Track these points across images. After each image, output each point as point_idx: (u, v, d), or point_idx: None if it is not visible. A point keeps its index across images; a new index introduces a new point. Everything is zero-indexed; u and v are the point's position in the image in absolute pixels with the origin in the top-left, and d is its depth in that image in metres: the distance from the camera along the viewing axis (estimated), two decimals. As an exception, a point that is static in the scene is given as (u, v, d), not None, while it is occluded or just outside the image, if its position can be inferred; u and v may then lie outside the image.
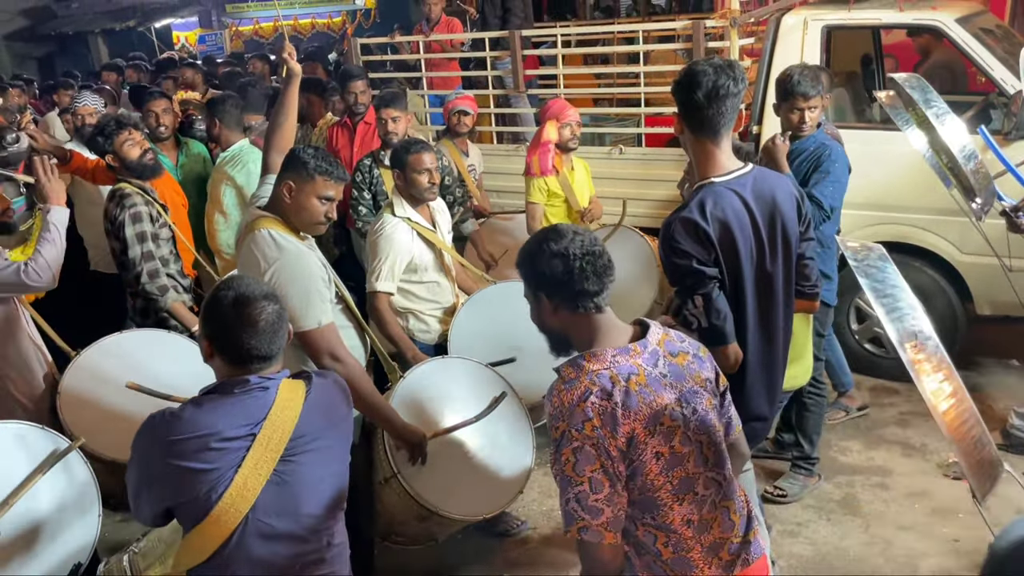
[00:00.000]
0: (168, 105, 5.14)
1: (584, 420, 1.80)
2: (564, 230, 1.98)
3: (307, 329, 2.77)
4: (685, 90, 2.44)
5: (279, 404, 2.00)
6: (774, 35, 4.90)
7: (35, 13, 19.73)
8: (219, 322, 2.01)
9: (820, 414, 3.99)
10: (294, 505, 2.02)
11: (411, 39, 6.99)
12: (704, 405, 1.95)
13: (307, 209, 2.81)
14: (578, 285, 1.91)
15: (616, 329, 1.98)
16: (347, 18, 19.73)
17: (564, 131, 4.49)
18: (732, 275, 2.52)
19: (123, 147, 3.80)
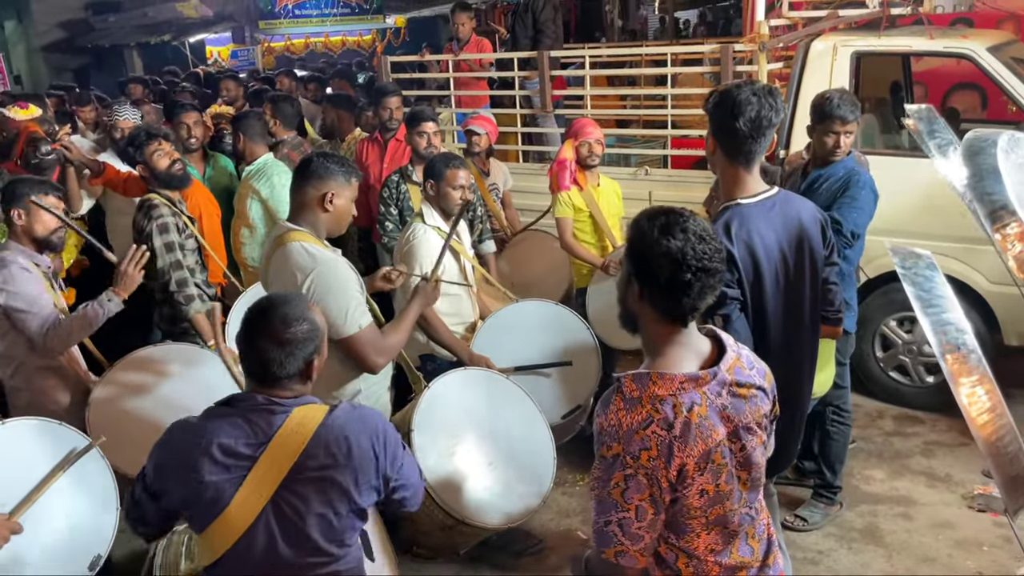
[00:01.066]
0: (199, 118, 5.23)
1: (642, 449, 1.73)
2: (686, 221, 1.80)
3: (350, 335, 2.78)
4: (726, 115, 2.41)
5: (288, 427, 1.98)
6: (803, 60, 4.90)
7: (73, 26, 20.16)
8: (245, 330, 2.02)
9: (844, 442, 3.94)
10: (294, 531, 1.99)
11: (440, 58, 7.06)
12: (755, 443, 1.89)
13: (346, 212, 2.89)
14: (679, 297, 1.79)
15: (690, 344, 1.87)
16: (377, 36, 19.98)
17: (581, 149, 4.52)
18: (756, 298, 2.51)
19: (152, 157, 3.87)
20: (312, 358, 2.03)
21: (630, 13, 19.07)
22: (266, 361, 1.98)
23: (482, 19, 18.72)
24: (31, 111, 5.93)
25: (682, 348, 1.86)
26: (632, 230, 1.86)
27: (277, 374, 1.99)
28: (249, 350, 2.00)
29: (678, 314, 1.83)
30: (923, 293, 1.91)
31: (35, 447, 2.77)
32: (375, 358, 2.85)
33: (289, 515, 1.98)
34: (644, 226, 1.83)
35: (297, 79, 8.89)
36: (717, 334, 1.94)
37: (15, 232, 3.28)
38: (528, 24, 6.76)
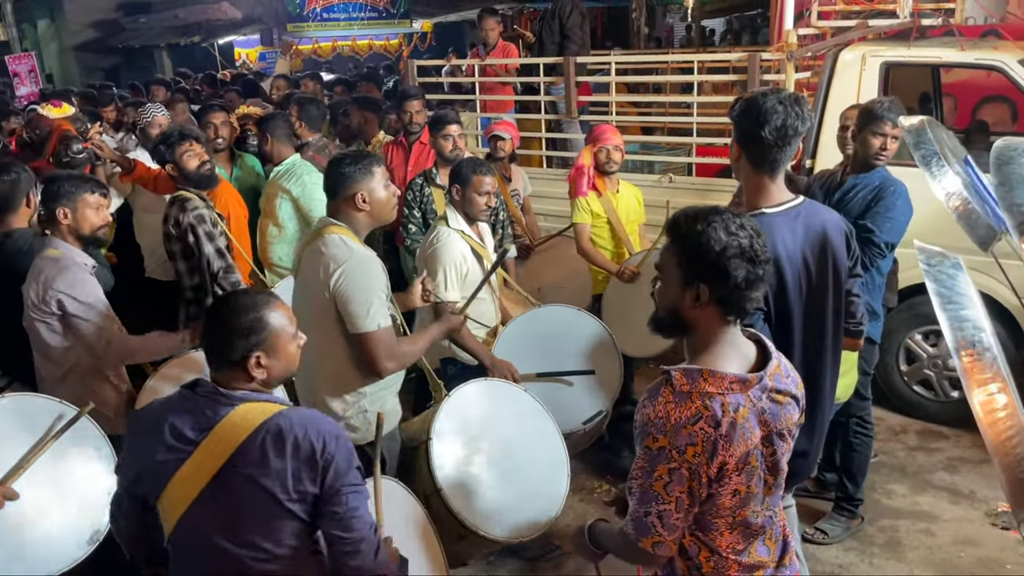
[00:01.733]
0: (226, 118, 5.28)
1: (688, 444, 1.76)
2: (736, 218, 1.82)
3: (367, 331, 2.82)
4: (752, 123, 2.40)
5: (229, 420, 2.00)
6: (831, 70, 4.87)
7: (105, 26, 20.44)
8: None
9: (866, 455, 3.91)
10: (229, 521, 2.01)
11: (466, 62, 7.08)
12: (784, 449, 1.93)
13: (384, 202, 2.97)
14: (752, 302, 1.82)
15: (738, 345, 1.90)
16: (403, 41, 20.08)
17: (599, 155, 4.52)
18: (779, 309, 2.49)
19: (183, 157, 3.91)
20: (250, 352, 2.03)
21: (656, 21, 19.05)
22: (207, 342, 2.08)
23: (508, 25, 18.77)
24: (64, 109, 6.03)
25: (731, 348, 1.88)
26: (687, 236, 1.82)
27: (215, 357, 2.06)
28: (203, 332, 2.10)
29: (744, 311, 1.85)
30: (944, 290, 1.90)
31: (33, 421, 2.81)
32: (385, 361, 2.87)
33: (224, 505, 2.00)
34: (703, 229, 1.80)
35: (322, 82, 8.95)
36: (761, 338, 1.96)
37: (60, 230, 3.25)
38: (555, 30, 6.76)
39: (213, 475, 1.98)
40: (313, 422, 2.04)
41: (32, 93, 12.27)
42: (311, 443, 1.98)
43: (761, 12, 15.67)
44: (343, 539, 2.04)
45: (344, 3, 19.10)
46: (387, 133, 6.01)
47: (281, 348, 2.09)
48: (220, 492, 1.99)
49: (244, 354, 2.03)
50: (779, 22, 5.57)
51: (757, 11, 16.64)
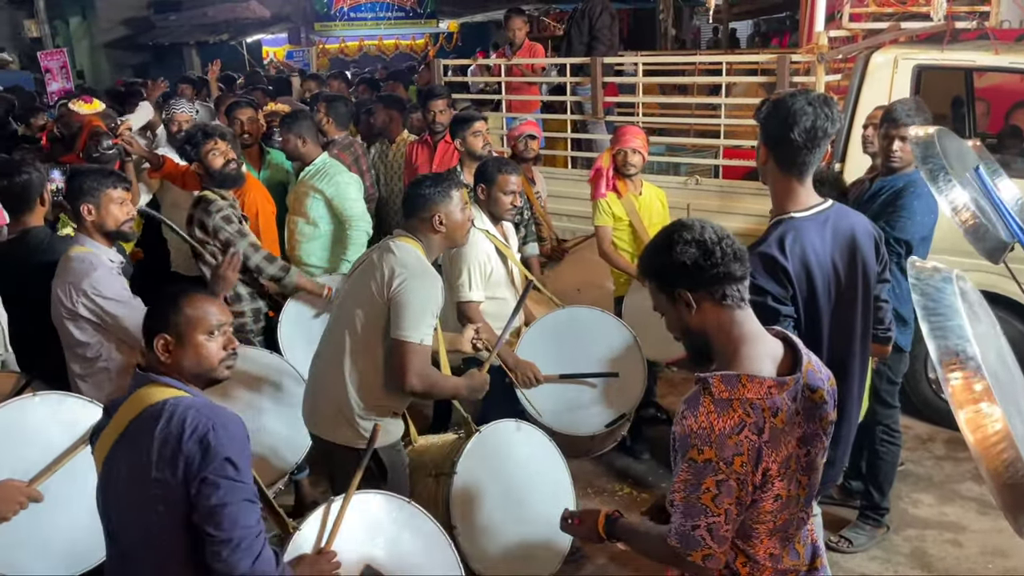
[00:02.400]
0: (253, 115, 5.31)
1: (736, 454, 1.72)
2: (691, 222, 1.86)
3: (408, 340, 2.81)
4: (780, 125, 2.37)
5: (133, 397, 2.07)
6: (862, 73, 4.81)
7: (135, 23, 20.67)
8: None
9: (893, 463, 3.85)
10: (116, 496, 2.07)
11: (493, 61, 7.08)
12: (818, 448, 1.89)
13: (460, 224, 3.04)
14: (722, 267, 1.80)
15: (762, 339, 1.86)
16: (430, 40, 20.15)
17: (617, 157, 4.48)
18: (809, 315, 2.46)
19: (207, 156, 3.91)
20: (156, 332, 2.08)
21: (683, 23, 18.96)
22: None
23: (535, 25, 18.79)
24: (95, 105, 6.09)
25: (759, 346, 1.84)
26: (648, 254, 1.89)
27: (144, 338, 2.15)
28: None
29: (731, 286, 1.82)
30: (930, 303, 1.87)
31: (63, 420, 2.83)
32: (412, 376, 2.84)
33: (112, 481, 2.06)
34: (657, 243, 1.88)
35: (348, 81, 9.01)
36: (787, 335, 1.92)
37: (85, 227, 3.24)
38: (584, 30, 6.74)
39: (108, 449, 2.05)
40: (197, 408, 1.99)
41: (63, 89, 12.43)
42: (182, 426, 1.95)
43: (789, 15, 15.56)
44: (209, 536, 1.94)
45: (371, 3, 19.19)
46: (410, 132, 6.02)
47: (190, 339, 2.09)
48: (111, 466, 2.05)
49: (151, 334, 2.09)
50: (809, 24, 5.49)
51: (785, 14, 16.52)
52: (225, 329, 2.16)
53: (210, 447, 1.92)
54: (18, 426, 2.77)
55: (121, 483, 2.03)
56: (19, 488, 2.65)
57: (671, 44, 11.30)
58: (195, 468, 1.92)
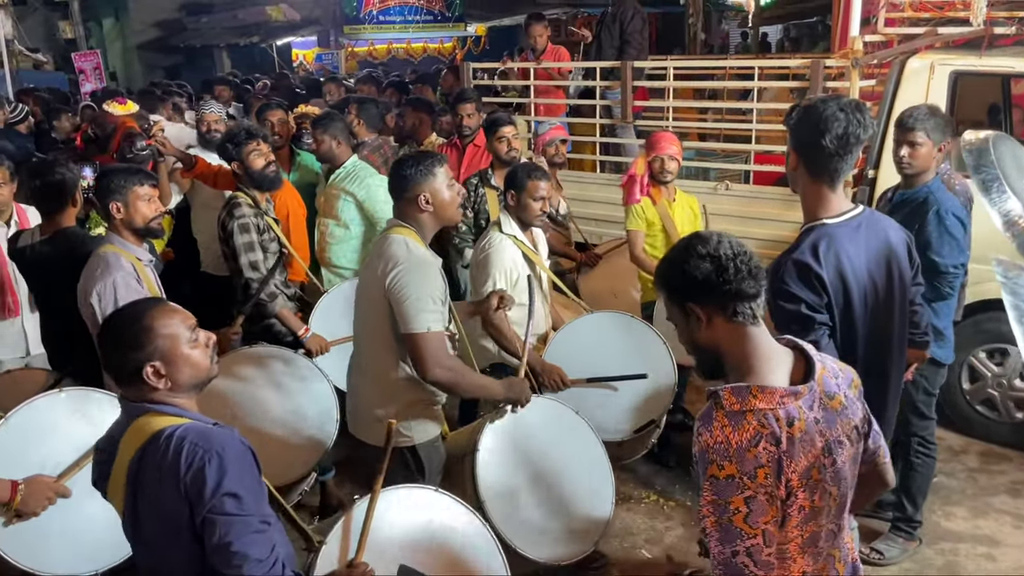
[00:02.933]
0: (284, 117, 5.34)
1: (757, 467, 1.65)
2: (708, 235, 1.82)
3: (416, 332, 2.80)
4: (811, 131, 2.33)
5: (129, 432, 1.97)
6: (897, 79, 4.75)
7: (167, 25, 20.94)
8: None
9: (928, 476, 3.78)
10: (142, 532, 2.00)
11: (520, 65, 7.07)
12: (844, 456, 1.81)
13: (448, 202, 2.96)
14: (734, 284, 1.74)
15: (775, 353, 1.80)
16: (457, 44, 20.22)
17: (654, 164, 4.43)
18: (845, 322, 2.43)
19: (249, 156, 3.93)
20: (142, 364, 1.95)
21: (712, 28, 18.87)
22: (105, 361, 2.05)
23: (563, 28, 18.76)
24: (128, 107, 6.18)
25: (770, 358, 1.79)
26: (662, 268, 1.85)
27: (115, 374, 2.01)
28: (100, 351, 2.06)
29: (743, 304, 1.76)
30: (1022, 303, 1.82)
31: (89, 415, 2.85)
32: (432, 365, 2.82)
33: (135, 518, 1.98)
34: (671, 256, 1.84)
35: (378, 85, 9.04)
36: (797, 344, 1.86)
37: (114, 225, 3.27)
38: (615, 34, 6.71)
39: (123, 489, 1.96)
40: (191, 439, 1.89)
41: (96, 90, 12.61)
42: (178, 461, 1.86)
43: (820, 20, 15.42)
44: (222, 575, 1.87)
45: (400, 6, 19.30)
46: (439, 135, 6.03)
47: (178, 354, 1.99)
48: (130, 506, 1.97)
49: (137, 367, 1.95)
50: (843, 28, 5.44)
51: (816, 19, 16.38)
52: (197, 329, 2.07)
53: (206, 482, 1.84)
54: (45, 422, 2.81)
55: (139, 522, 1.98)
56: (48, 484, 2.68)
57: (700, 48, 11.25)
58: (198, 505, 1.86)
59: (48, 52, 17.49)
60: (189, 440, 1.88)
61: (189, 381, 2.02)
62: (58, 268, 3.47)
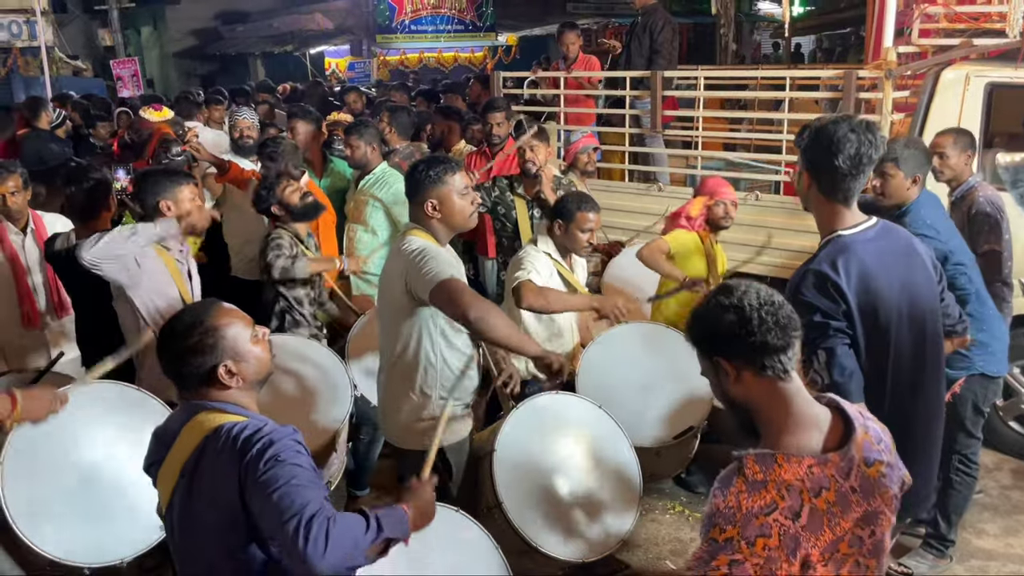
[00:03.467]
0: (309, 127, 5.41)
1: (759, 536, 1.57)
2: (734, 285, 1.75)
3: (439, 281, 2.71)
4: (824, 152, 2.34)
5: (186, 429, 2.00)
6: (932, 90, 4.70)
7: (203, 34, 21.30)
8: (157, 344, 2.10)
9: (966, 495, 3.68)
10: (188, 529, 2.00)
11: (550, 75, 7.08)
12: (883, 528, 1.72)
13: (458, 210, 2.94)
14: (758, 337, 1.67)
15: (809, 414, 1.72)
16: (488, 54, 20.31)
17: (717, 208, 4.26)
18: (870, 329, 2.41)
19: (286, 194, 3.96)
20: (216, 365, 1.98)
21: (743, 38, 18.79)
22: (169, 371, 2.05)
23: (592, 38, 18.77)
24: (164, 113, 6.29)
25: (801, 421, 1.70)
26: (689, 322, 1.80)
27: (183, 381, 2.03)
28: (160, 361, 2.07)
29: (771, 357, 1.69)
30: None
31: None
32: (470, 304, 2.66)
33: (183, 509, 2.00)
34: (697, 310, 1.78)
35: (409, 93, 9.14)
36: (838, 403, 1.78)
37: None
38: (645, 44, 6.69)
39: (175, 481, 1.99)
40: (248, 427, 1.92)
41: (133, 96, 12.84)
42: (235, 442, 1.89)
43: (853, 30, 15.31)
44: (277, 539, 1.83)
45: (432, 16, 19.46)
46: (469, 143, 6.06)
47: (245, 350, 2.03)
48: (179, 497, 2.00)
49: (211, 369, 1.98)
50: (876, 39, 5.39)
51: (849, 29, 16.26)
52: (255, 324, 2.10)
53: (262, 456, 1.84)
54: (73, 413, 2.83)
55: (189, 512, 1.99)
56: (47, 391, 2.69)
57: (731, 59, 11.22)
58: (252, 478, 1.83)
59: (87, 59, 17.85)
60: (247, 432, 1.90)
61: (255, 377, 2.06)
62: (85, 272, 3.53)
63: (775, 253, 5.21)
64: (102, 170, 3.80)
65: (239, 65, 20.70)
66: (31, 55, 14.40)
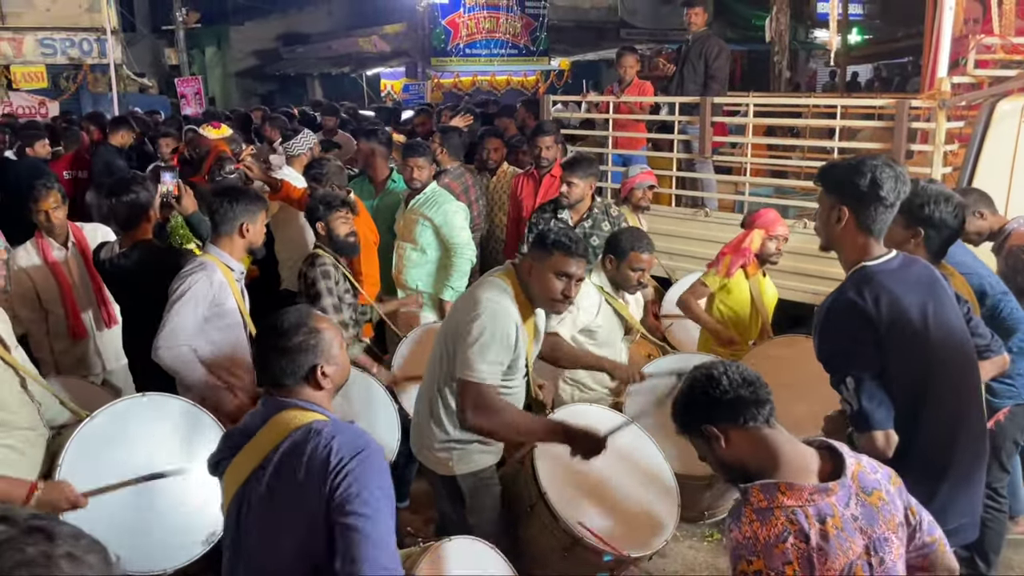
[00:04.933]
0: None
1: (785, 563, 1.67)
2: (700, 364, 1.96)
3: (466, 379, 2.79)
4: (870, 185, 2.39)
5: (269, 426, 2.05)
6: (986, 121, 4.64)
7: (264, 55, 21.89)
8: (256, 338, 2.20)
9: (999, 531, 3.60)
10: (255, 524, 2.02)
11: (601, 99, 7.14)
12: (892, 556, 1.79)
13: (545, 285, 2.86)
14: (732, 393, 1.84)
15: (799, 453, 1.84)
16: (541, 77, 20.49)
17: (770, 244, 4.25)
18: (904, 354, 2.41)
19: (335, 222, 4.04)
20: (315, 365, 2.07)
21: (799, 66, 18.64)
22: (266, 373, 2.11)
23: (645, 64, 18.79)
24: (222, 131, 6.48)
25: (791, 455, 1.83)
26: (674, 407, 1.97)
27: (281, 380, 2.09)
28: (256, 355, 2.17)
29: (748, 410, 1.84)
30: None
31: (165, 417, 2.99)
32: (471, 411, 2.78)
33: (253, 507, 2.02)
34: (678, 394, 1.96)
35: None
36: (826, 443, 1.89)
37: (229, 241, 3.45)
38: (699, 70, 6.69)
39: (246, 476, 2.03)
40: (340, 433, 1.98)
41: (196, 114, 13.25)
42: (328, 453, 1.92)
43: (912, 60, 15.11)
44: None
45: (487, 40, 19.73)
46: (514, 166, 6.12)
47: (335, 353, 2.13)
48: (249, 493, 2.03)
49: (311, 367, 2.07)
50: (932, 69, 5.34)
51: (907, 59, 16.06)
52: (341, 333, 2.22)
53: (353, 482, 1.89)
54: (126, 424, 2.93)
55: (263, 509, 2.00)
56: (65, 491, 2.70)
57: (784, 87, 11.14)
58: (338, 501, 1.88)
59: (153, 77, 18.49)
60: (340, 437, 1.96)
61: (340, 381, 2.17)
62: (136, 279, 3.69)
63: (822, 282, 5.15)
64: (145, 183, 3.92)
65: (297, 85, 21.22)
66: (100, 72, 14.98)
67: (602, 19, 22.04)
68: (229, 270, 3.43)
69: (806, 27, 18.08)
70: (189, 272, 3.32)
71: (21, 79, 14.51)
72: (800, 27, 17.00)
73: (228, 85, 22.08)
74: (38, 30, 14.47)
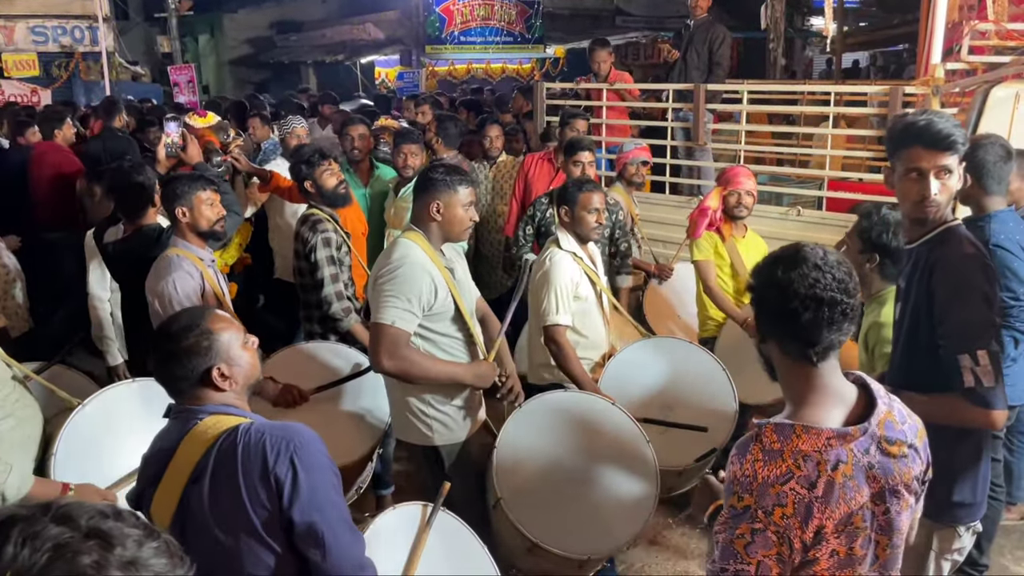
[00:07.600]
0: (365, 131, 5.47)
1: (776, 505, 1.60)
2: (803, 255, 1.67)
3: (377, 322, 2.90)
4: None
5: (192, 434, 1.97)
6: (980, 108, 4.61)
7: (258, 43, 21.77)
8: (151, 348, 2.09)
9: (994, 519, 3.62)
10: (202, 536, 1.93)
11: (594, 86, 7.09)
12: (899, 507, 1.72)
13: (457, 220, 3.06)
14: (793, 328, 1.65)
15: (834, 390, 1.71)
16: (536, 65, 20.42)
17: (730, 198, 4.29)
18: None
19: (322, 176, 4.03)
20: (210, 368, 2.01)
21: (795, 54, 18.59)
22: (161, 374, 2.05)
23: (642, 52, 18.76)
24: (209, 119, 6.39)
25: (826, 396, 1.69)
26: (752, 271, 1.77)
27: (175, 384, 2.03)
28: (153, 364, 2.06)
29: (803, 348, 1.66)
30: None
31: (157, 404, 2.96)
32: (382, 355, 2.87)
33: (198, 524, 1.94)
34: (758, 265, 1.75)
35: (454, 103, 9.23)
36: (865, 381, 1.77)
37: (180, 229, 3.44)
38: (704, 57, 6.64)
39: (183, 488, 1.95)
40: (268, 429, 1.93)
41: (190, 102, 13.17)
42: (263, 451, 1.88)
43: (907, 47, 15.07)
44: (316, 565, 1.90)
45: (481, 27, 19.63)
46: (509, 153, 6.09)
47: (235, 354, 2.06)
48: (189, 504, 1.95)
49: (204, 371, 2.01)
50: (926, 56, 5.32)
51: (903, 46, 16.02)
52: (245, 332, 2.14)
53: (298, 472, 1.88)
54: (118, 410, 2.94)
55: (206, 518, 1.93)
56: (97, 492, 2.76)
57: (780, 74, 11.12)
58: (288, 496, 1.88)
59: (146, 65, 18.38)
60: (268, 432, 1.91)
61: (245, 381, 2.09)
62: (130, 265, 3.71)
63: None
64: (145, 171, 3.90)
65: (291, 73, 21.10)
66: (92, 60, 14.89)
67: (597, 6, 21.94)
68: (198, 259, 3.40)
69: (802, 15, 18.02)
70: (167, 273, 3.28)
71: (12, 67, 14.42)
72: (796, 15, 16.95)
73: (221, 73, 21.96)
74: (29, 17, 14.39)
